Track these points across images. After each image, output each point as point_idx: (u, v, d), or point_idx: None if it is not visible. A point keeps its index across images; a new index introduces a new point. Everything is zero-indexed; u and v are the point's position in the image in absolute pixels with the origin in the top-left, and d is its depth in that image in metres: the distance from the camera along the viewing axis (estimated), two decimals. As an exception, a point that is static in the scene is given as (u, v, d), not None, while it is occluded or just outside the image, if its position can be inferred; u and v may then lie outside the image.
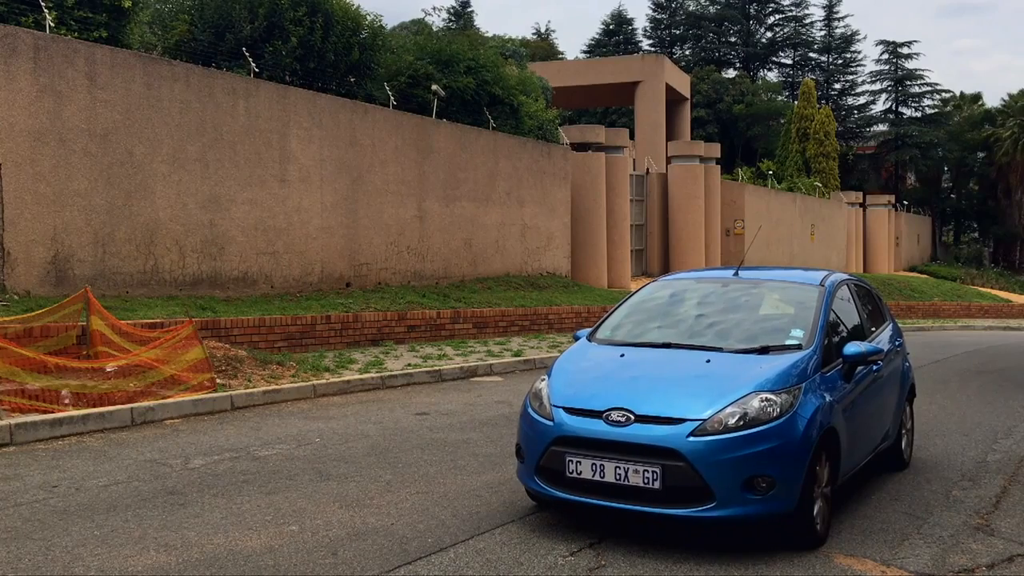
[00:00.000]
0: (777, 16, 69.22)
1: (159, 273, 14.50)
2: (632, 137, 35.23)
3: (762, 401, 5.67)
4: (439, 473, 7.54)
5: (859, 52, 76.55)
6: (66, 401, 9.48)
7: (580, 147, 26.09)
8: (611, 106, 53.74)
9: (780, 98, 60.97)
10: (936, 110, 64.81)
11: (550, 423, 5.92)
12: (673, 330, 6.85)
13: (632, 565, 5.43)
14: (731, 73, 63.96)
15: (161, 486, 7.00)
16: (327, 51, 18.96)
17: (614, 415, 5.70)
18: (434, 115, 20.76)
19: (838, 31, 68.08)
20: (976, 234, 68.66)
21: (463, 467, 7.76)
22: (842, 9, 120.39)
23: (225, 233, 15.50)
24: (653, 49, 66.54)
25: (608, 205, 26.62)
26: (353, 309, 15.92)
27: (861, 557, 5.70)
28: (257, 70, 17.48)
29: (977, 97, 66.43)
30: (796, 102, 53.59)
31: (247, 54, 17.42)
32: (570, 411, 5.89)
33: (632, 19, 69.58)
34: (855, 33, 69.11)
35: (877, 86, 66.18)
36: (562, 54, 64.05)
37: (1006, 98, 62.27)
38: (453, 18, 61.26)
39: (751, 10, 68.70)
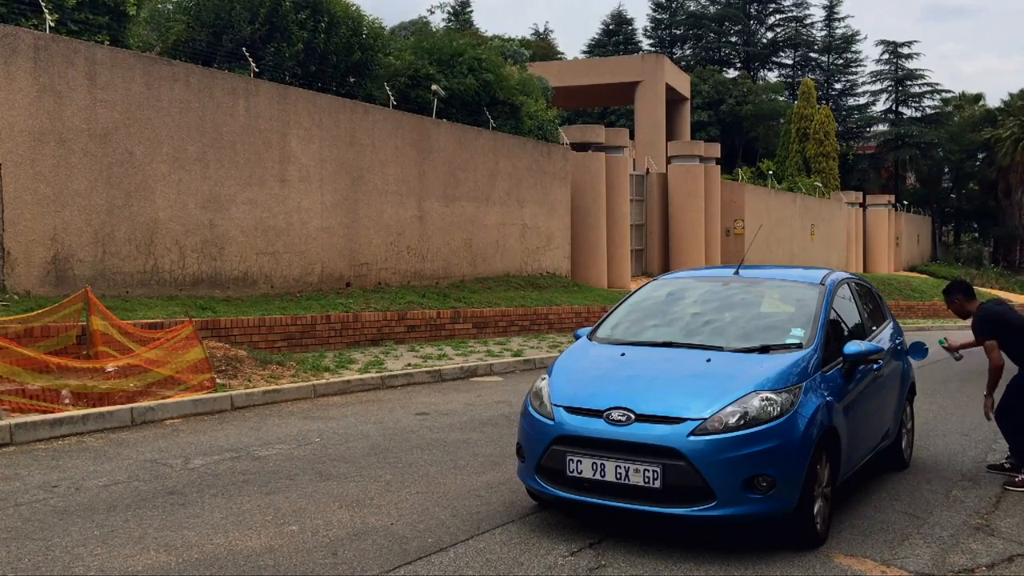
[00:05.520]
0: (778, 16, 69.29)
1: (159, 273, 14.49)
2: (632, 137, 35.20)
3: (762, 400, 5.66)
4: (439, 473, 7.54)
5: (859, 52, 76.63)
6: (66, 401, 9.48)
7: (580, 147, 26.07)
8: (611, 106, 53.70)
9: (780, 98, 60.96)
10: (936, 110, 64.82)
11: (551, 422, 5.92)
12: (673, 329, 6.85)
13: (632, 565, 5.43)
14: (732, 73, 63.97)
15: (161, 486, 7.00)
16: (330, 53, 18.95)
17: (615, 414, 5.70)
18: (434, 115, 20.76)
19: (839, 31, 68.14)
20: (976, 234, 68.62)
21: (463, 467, 7.75)
22: (843, 9, 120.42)
23: (225, 233, 15.50)
24: (653, 49, 66.51)
25: (608, 205, 26.60)
26: (353, 309, 15.92)
27: (861, 557, 5.70)
28: (257, 70, 17.48)
29: (978, 97, 66.43)
30: (796, 102, 53.59)
31: (247, 54, 17.42)
32: (571, 410, 5.89)
33: (632, 19, 69.61)
34: (856, 33, 69.23)
35: (877, 86, 66.30)
36: (562, 54, 64.04)
37: (1007, 98, 62.32)
38: (452, 17, 61.26)
39: (752, 10, 68.72)
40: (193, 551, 5.54)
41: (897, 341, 8.19)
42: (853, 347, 6.52)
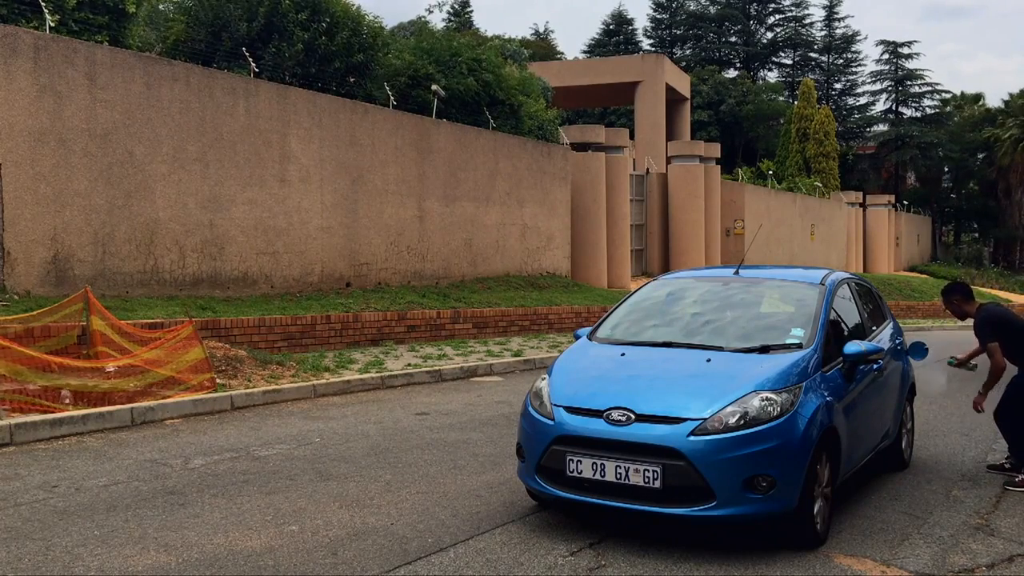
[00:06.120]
0: (777, 16, 69.34)
1: (159, 273, 14.49)
2: (632, 137, 35.21)
3: (762, 400, 5.66)
4: (439, 473, 7.54)
5: (859, 52, 76.64)
6: (66, 401, 9.48)
7: (580, 147, 26.07)
8: (611, 106, 53.71)
9: (780, 98, 60.99)
10: (936, 110, 64.84)
11: (551, 422, 5.92)
12: (673, 329, 6.85)
13: (632, 565, 5.42)
14: (731, 73, 63.98)
15: (161, 486, 7.00)
16: (330, 54, 18.94)
17: (615, 414, 5.70)
18: (434, 115, 20.76)
19: (838, 31, 68.19)
20: (976, 234, 68.66)
21: (463, 467, 7.75)
22: (842, 9, 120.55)
23: (225, 233, 15.50)
24: (653, 49, 66.54)
25: (608, 205, 26.60)
26: (353, 309, 15.92)
27: (861, 557, 5.70)
28: (257, 70, 17.48)
29: (978, 97, 66.45)
30: (796, 102, 53.61)
31: (247, 54, 17.42)
32: (571, 410, 5.89)
33: (632, 19, 69.68)
34: (855, 33, 69.29)
35: (877, 86, 66.35)
36: (561, 54, 64.06)
37: (1007, 98, 62.31)
38: (452, 17, 61.29)
39: (751, 10, 68.76)
40: (193, 551, 5.54)
41: (897, 341, 8.19)
42: (853, 347, 6.51)
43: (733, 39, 68.95)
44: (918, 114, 64.81)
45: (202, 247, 15.12)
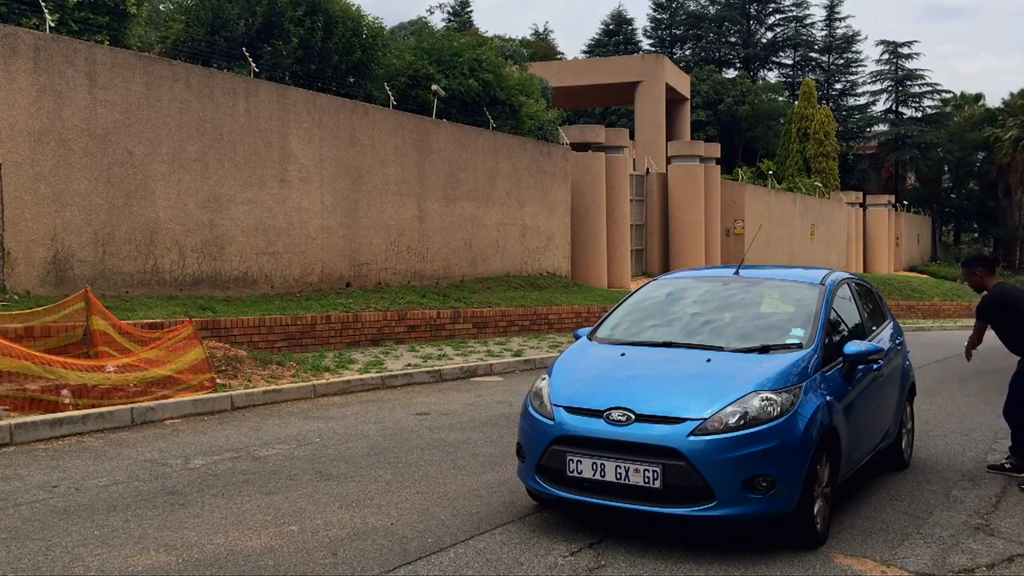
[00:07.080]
0: (777, 16, 69.28)
1: (159, 273, 14.50)
2: (632, 137, 35.20)
3: (762, 400, 5.66)
4: (439, 473, 7.54)
5: (860, 52, 76.59)
6: (66, 401, 9.47)
7: (580, 147, 26.07)
8: (611, 106, 53.69)
9: (780, 98, 60.97)
10: (936, 110, 64.82)
11: (551, 422, 5.92)
12: (673, 329, 6.85)
13: (632, 565, 5.43)
14: (731, 73, 63.96)
15: (161, 486, 7.00)
16: (328, 52, 18.95)
17: (615, 414, 5.70)
18: (434, 115, 20.76)
19: (839, 31, 68.17)
20: (976, 234, 68.64)
21: (463, 467, 7.75)
22: (843, 9, 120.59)
23: (225, 233, 15.50)
24: (653, 49, 66.53)
25: (608, 205, 26.60)
26: (353, 309, 15.93)
27: (861, 557, 5.70)
28: (257, 70, 17.48)
29: (978, 97, 66.44)
30: (796, 102, 53.60)
31: (247, 54, 17.42)
32: (571, 410, 5.89)
33: (632, 19, 69.62)
34: (856, 33, 69.20)
35: (877, 86, 66.29)
36: (561, 54, 64.02)
37: (1007, 98, 62.31)
38: (452, 17, 61.29)
39: (751, 10, 68.72)
40: (193, 551, 5.54)
41: (897, 341, 8.19)
42: (853, 347, 6.51)
43: (733, 39, 68.92)
44: (918, 114, 64.79)
45: (202, 247, 15.12)
